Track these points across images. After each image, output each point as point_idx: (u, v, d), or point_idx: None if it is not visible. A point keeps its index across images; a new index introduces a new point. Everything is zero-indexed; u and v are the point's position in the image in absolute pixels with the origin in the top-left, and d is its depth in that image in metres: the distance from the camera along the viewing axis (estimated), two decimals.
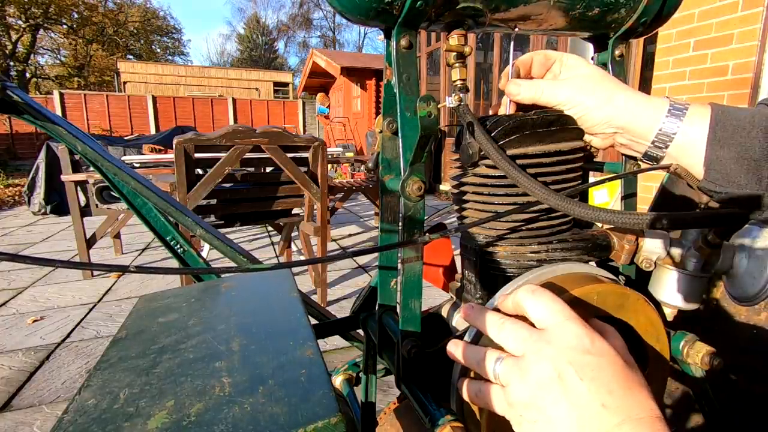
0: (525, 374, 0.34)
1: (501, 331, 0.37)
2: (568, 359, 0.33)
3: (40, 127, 0.69)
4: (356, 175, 6.95)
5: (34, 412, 1.63)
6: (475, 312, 0.41)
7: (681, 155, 0.46)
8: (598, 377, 0.32)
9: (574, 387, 0.32)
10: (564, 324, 0.35)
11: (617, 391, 0.32)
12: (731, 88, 2.80)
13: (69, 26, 22.81)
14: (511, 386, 0.35)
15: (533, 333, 0.36)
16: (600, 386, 0.32)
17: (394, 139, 0.50)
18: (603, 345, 0.34)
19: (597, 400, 0.31)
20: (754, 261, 0.45)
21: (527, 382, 0.34)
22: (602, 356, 0.33)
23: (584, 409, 0.31)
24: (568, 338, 0.34)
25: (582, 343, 0.34)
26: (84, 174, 3.03)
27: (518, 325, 0.37)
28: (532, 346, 0.35)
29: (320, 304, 2.50)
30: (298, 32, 37.38)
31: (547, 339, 0.34)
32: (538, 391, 0.33)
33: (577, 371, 0.32)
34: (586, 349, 0.33)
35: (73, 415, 0.35)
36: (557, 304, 0.36)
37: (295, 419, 0.33)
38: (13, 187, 8.05)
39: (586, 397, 0.31)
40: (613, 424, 0.30)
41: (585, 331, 0.34)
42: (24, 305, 2.65)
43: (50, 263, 0.30)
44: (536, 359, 0.34)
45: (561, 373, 0.33)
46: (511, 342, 0.37)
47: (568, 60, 0.51)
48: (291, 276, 0.64)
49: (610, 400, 0.31)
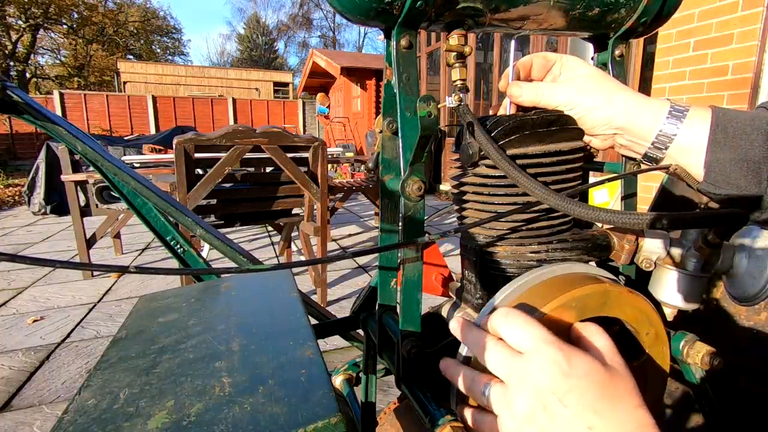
0: (510, 405, 0.35)
1: (485, 352, 0.38)
2: (550, 388, 0.33)
3: (40, 127, 0.69)
4: (356, 175, 6.95)
5: (34, 412, 1.63)
6: (464, 329, 0.42)
7: (681, 157, 0.47)
8: (581, 400, 0.32)
9: (559, 415, 0.32)
10: (540, 349, 0.35)
11: (603, 409, 0.32)
12: (731, 88, 2.80)
13: (69, 26, 22.82)
14: (501, 417, 0.36)
15: (513, 359, 0.36)
16: (585, 409, 0.32)
17: (394, 139, 0.50)
18: (583, 363, 0.34)
19: (583, 423, 0.31)
20: (754, 261, 0.45)
21: (514, 414, 0.34)
22: (584, 377, 0.33)
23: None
24: (546, 365, 0.34)
25: (561, 368, 0.33)
26: (84, 174, 3.03)
27: (500, 349, 0.37)
28: (514, 375, 0.35)
29: (320, 304, 2.50)
30: (298, 32, 37.42)
31: (526, 368, 0.34)
32: (525, 423, 0.34)
33: (560, 399, 0.32)
34: (566, 372, 0.33)
35: (73, 415, 0.35)
36: (531, 328, 0.36)
37: (295, 419, 0.33)
38: (13, 187, 8.05)
39: (571, 423, 0.32)
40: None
41: (562, 354, 0.34)
42: (24, 305, 2.65)
43: (50, 264, 0.30)
44: (519, 390, 0.34)
45: (545, 404, 0.33)
46: (495, 366, 0.37)
47: (567, 61, 0.51)
48: (291, 276, 0.64)
49: (596, 421, 0.31)
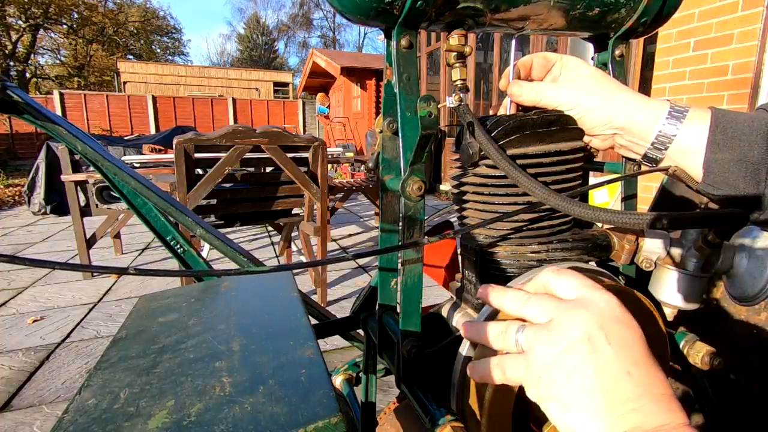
0: (552, 335, 0.34)
1: (526, 303, 0.37)
2: (599, 324, 0.33)
3: (40, 127, 0.69)
4: (356, 175, 6.95)
5: (34, 412, 1.63)
6: (494, 291, 0.40)
7: (680, 157, 0.47)
8: (626, 346, 0.32)
9: (603, 351, 0.32)
10: (595, 292, 0.35)
11: (641, 363, 0.32)
12: (731, 88, 2.80)
13: (69, 26, 22.81)
14: (534, 349, 0.34)
15: (563, 301, 0.35)
16: (627, 355, 0.32)
17: (394, 139, 0.50)
18: (632, 319, 0.34)
19: (623, 367, 0.31)
20: (754, 261, 0.45)
21: (554, 343, 0.33)
22: (630, 328, 0.33)
23: (609, 375, 0.31)
24: (599, 304, 0.34)
25: (613, 311, 0.34)
26: (84, 174, 3.03)
27: (546, 298, 0.37)
28: (563, 312, 0.34)
29: (320, 304, 2.50)
30: (298, 32, 37.42)
31: (579, 304, 0.34)
32: (564, 351, 0.33)
33: (607, 336, 0.32)
34: (617, 317, 0.33)
35: (73, 415, 0.35)
36: (585, 279, 0.36)
37: (296, 419, 0.33)
38: (13, 187, 8.05)
39: (612, 362, 0.31)
40: (636, 394, 0.30)
41: (616, 301, 0.34)
42: (24, 305, 2.65)
43: (49, 265, 0.30)
44: (567, 321, 0.34)
45: (591, 336, 0.32)
46: (538, 311, 0.36)
47: (567, 62, 0.51)
48: (291, 276, 0.64)
49: (635, 371, 0.31)
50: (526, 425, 0.44)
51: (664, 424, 0.29)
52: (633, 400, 0.30)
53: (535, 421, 0.44)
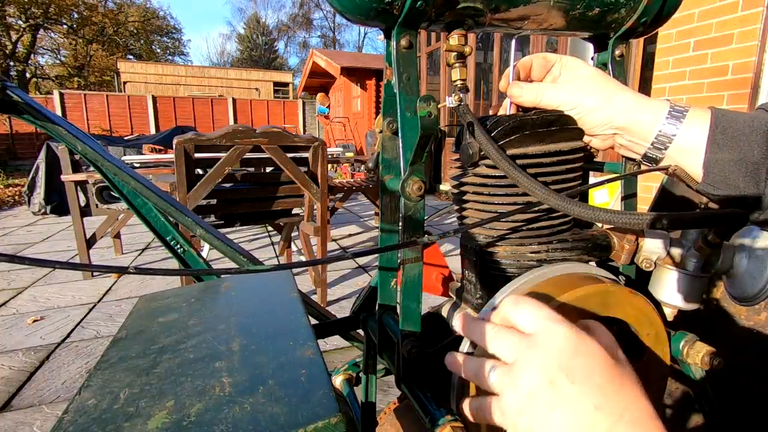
0: (516, 382, 0.34)
1: (493, 340, 0.37)
2: (558, 364, 0.33)
3: (40, 127, 0.69)
4: (356, 175, 6.95)
5: (34, 412, 1.63)
6: (469, 323, 0.41)
7: (680, 157, 0.47)
8: (589, 379, 0.32)
9: (566, 391, 0.32)
10: (551, 327, 0.34)
11: (609, 391, 0.31)
12: (731, 88, 2.80)
13: (69, 26, 22.81)
14: (503, 395, 0.35)
15: (522, 339, 0.35)
16: (592, 388, 0.32)
17: (394, 139, 0.50)
18: (592, 345, 0.34)
19: (590, 402, 0.31)
20: (754, 261, 0.45)
21: (519, 390, 0.34)
22: (591, 357, 0.33)
23: (577, 413, 0.31)
24: (556, 341, 0.34)
25: (570, 345, 0.33)
26: (84, 174, 3.03)
27: (508, 333, 0.37)
28: (522, 353, 0.34)
29: (320, 304, 2.50)
30: (298, 32, 37.41)
31: (535, 344, 0.34)
32: (529, 398, 0.33)
33: (567, 375, 0.32)
34: (575, 350, 0.33)
35: (73, 415, 0.35)
36: (542, 310, 0.36)
37: (296, 419, 0.33)
38: (13, 187, 8.05)
39: (578, 400, 0.31)
40: (608, 425, 0.30)
41: (572, 333, 0.34)
42: (24, 305, 2.65)
43: (49, 264, 0.30)
44: (526, 366, 0.34)
45: (552, 379, 0.32)
46: (502, 350, 0.36)
47: (567, 62, 0.51)
48: (291, 276, 0.64)
49: (602, 401, 0.31)
50: None
51: None
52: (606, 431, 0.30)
53: None
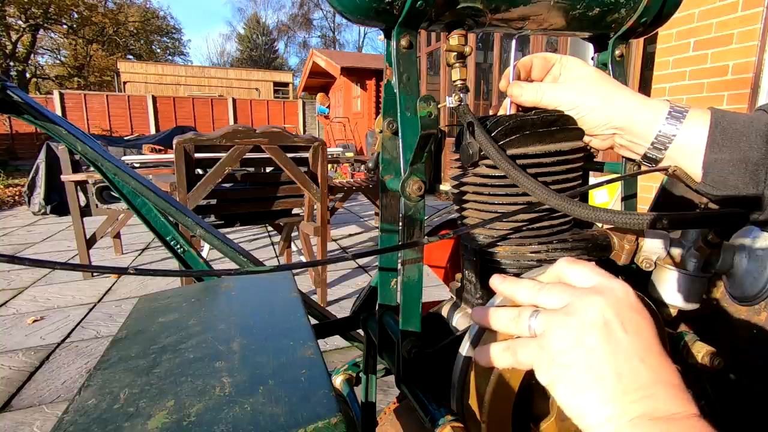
0: (569, 318, 0.33)
1: (540, 291, 0.37)
2: (615, 310, 0.33)
3: (40, 127, 0.69)
4: (356, 175, 6.95)
5: (34, 412, 1.63)
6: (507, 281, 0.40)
7: (680, 157, 0.47)
8: (641, 334, 0.32)
9: (618, 336, 0.32)
10: (611, 281, 0.35)
11: (655, 352, 0.32)
12: (731, 88, 2.80)
13: (69, 26, 22.80)
14: (549, 331, 0.34)
15: (578, 288, 0.35)
16: (642, 343, 0.32)
17: (394, 139, 0.50)
18: (644, 308, 0.34)
19: (637, 354, 0.31)
20: (754, 261, 0.45)
21: (570, 326, 0.33)
22: (645, 317, 0.33)
23: (623, 360, 0.31)
24: (616, 291, 0.34)
25: (629, 298, 0.34)
26: (84, 174, 3.03)
27: (561, 285, 0.36)
28: (580, 297, 0.34)
29: (320, 304, 2.50)
30: (298, 32, 37.40)
31: (595, 290, 0.34)
32: (580, 334, 0.32)
33: (623, 322, 0.32)
34: (632, 305, 0.34)
35: (73, 415, 0.35)
36: (599, 269, 0.36)
37: (296, 419, 0.33)
38: (13, 187, 8.04)
39: (627, 348, 0.31)
40: (649, 381, 0.30)
41: (631, 290, 0.35)
42: (24, 305, 2.65)
43: (49, 265, 0.30)
44: (584, 305, 0.33)
45: (607, 321, 0.32)
46: (553, 298, 0.36)
47: (567, 62, 0.51)
48: (291, 276, 0.64)
49: (649, 358, 0.31)
50: (526, 425, 0.44)
51: (676, 413, 0.29)
52: (646, 387, 0.30)
53: (535, 421, 0.44)
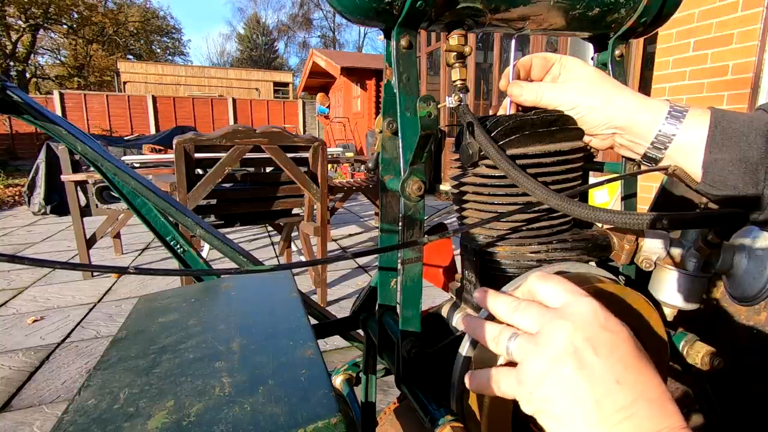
0: (540, 349, 0.33)
1: (515, 311, 0.37)
2: (584, 335, 0.32)
3: (40, 127, 0.69)
4: (356, 175, 6.95)
5: (34, 412, 1.63)
6: (486, 296, 0.40)
7: (679, 157, 0.47)
8: (614, 354, 0.32)
9: (590, 362, 0.31)
10: (579, 300, 0.35)
11: (632, 369, 0.31)
12: (731, 88, 2.80)
13: (69, 26, 22.80)
14: (524, 362, 0.34)
15: (548, 311, 0.35)
16: (615, 363, 0.31)
17: (394, 139, 0.50)
18: (617, 323, 0.34)
19: (612, 376, 0.31)
20: (754, 261, 0.45)
21: (541, 357, 0.33)
22: (616, 334, 0.33)
23: (599, 385, 0.31)
24: (583, 313, 0.34)
25: (598, 319, 0.33)
26: (84, 174, 3.03)
27: (533, 305, 0.36)
28: (547, 323, 0.34)
29: (320, 304, 2.50)
30: (298, 32, 37.40)
31: (563, 314, 0.34)
32: (552, 365, 0.32)
33: (593, 346, 0.32)
34: (602, 324, 0.33)
35: (73, 415, 0.35)
36: (569, 285, 0.36)
37: (295, 419, 0.33)
38: (13, 187, 8.03)
39: (601, 372, 0.31)
40: (628, 401, 0.30)
41: (599, 308, 0.34)
42: (24, 305, 2.65)
43: (49, 265, 0.30)
44: (552, 333, 0.33)
45: (577, 348, 0.32)
46: (525, 320, 0.36)
47: (567, 62, 0.51)
48: (291, 276, 0.64)
49: (624, 377, 0.31)
50: (526, 425, 0.44)
51: (661, 429, 0.29)
52: (626, 408, 0.30)
53: (535, 421, 0.44)
